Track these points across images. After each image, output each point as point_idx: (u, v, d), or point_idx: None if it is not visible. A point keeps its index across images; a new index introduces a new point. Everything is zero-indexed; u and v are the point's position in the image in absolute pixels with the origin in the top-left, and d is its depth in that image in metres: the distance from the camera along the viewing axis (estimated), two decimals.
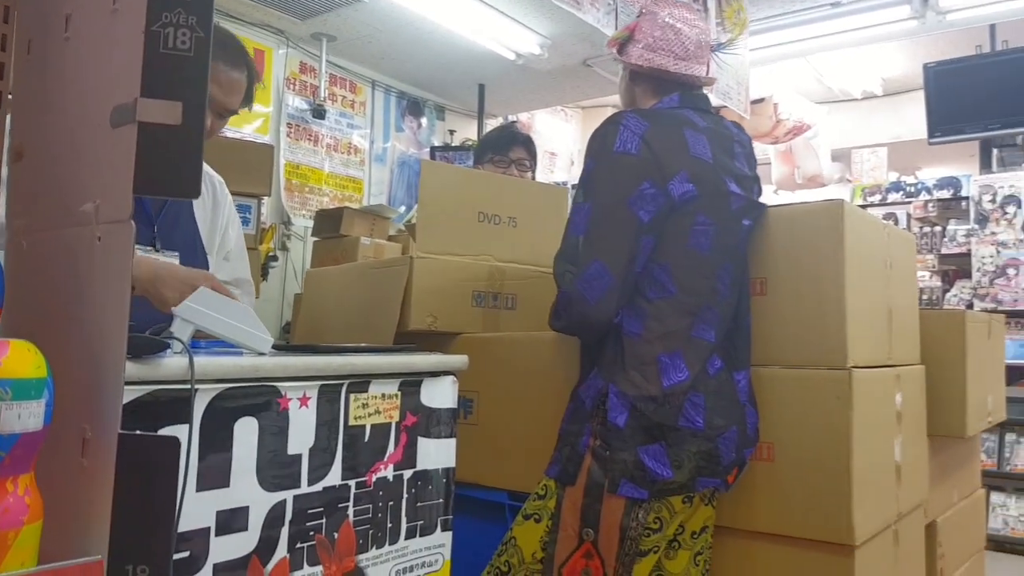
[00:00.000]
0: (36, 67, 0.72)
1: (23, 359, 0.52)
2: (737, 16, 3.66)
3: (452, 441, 1.30)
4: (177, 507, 0.76)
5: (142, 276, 1.28)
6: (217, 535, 0.96)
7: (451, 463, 1.30)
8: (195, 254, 1.64)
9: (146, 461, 0.54)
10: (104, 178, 0.57)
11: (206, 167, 1.83)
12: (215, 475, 0.96)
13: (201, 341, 1.19)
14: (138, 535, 0.53)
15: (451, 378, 1.31)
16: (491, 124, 5.52)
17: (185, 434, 0.89)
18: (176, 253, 1.36)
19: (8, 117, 0.76)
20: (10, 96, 0.75)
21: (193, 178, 0.54)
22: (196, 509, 0.93)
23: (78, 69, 0.65)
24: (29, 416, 0.51)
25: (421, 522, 1.24)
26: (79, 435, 0.56)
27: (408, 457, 1.23)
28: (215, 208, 1.79)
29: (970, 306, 4.39)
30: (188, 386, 0.90)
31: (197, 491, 0.93)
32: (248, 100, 1.70)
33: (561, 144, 6.43)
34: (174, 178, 0.54)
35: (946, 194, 4.87)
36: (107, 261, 0.56)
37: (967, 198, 4.63)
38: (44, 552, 0.53)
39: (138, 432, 0.57)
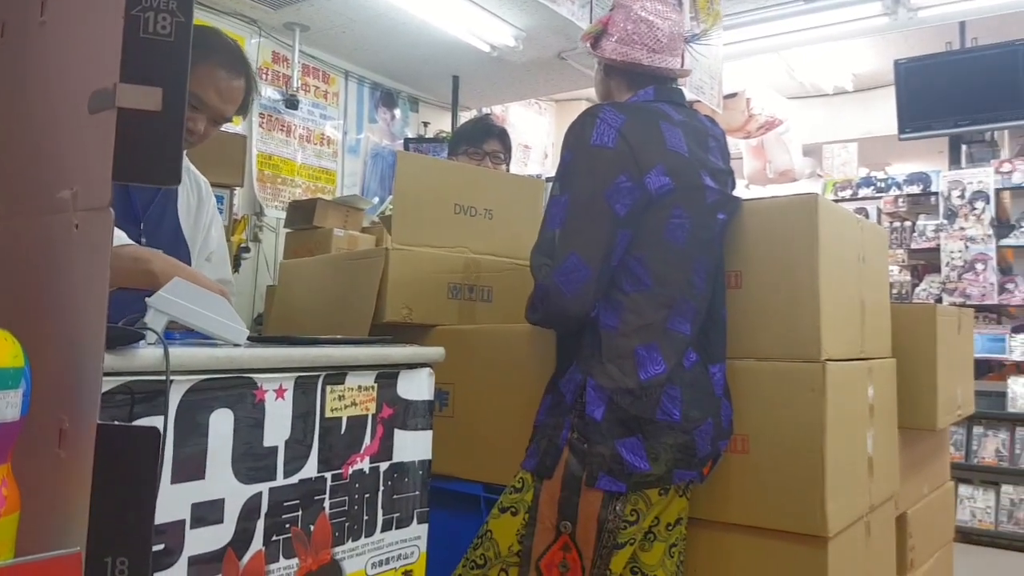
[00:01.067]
0: (10, 51, 0.70)
1: (0, 348, 0.51)
2: (710, 7, 3.69)
3: (428, 433, 1.30)
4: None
5: (123, 255, 1.26)
6: (192, 527, 0.95)
7: (427, 455, 1.30)
8: (178, 252, 1.62)
9: (125, 452, 0.53)
10: (82, 165, 0.56)
11: (192, 167, 1.80)
12: (190, 467, 0.95)
13: (175, 332, 1.17)
14: (117, 527, 0.53)
15: (427, 370, 1.31)
16: (465, 116, 5.49)
17: (160, 426, 0.88)
18: (159, 251, 1.35)
19: None
20: None
21: (173, 165, 0.54)
22: (171, 501, 0.92)
23: (55, 53, 0.64)
24: (6, 406, 0.50)
25: (397, 515, 1.24)
26: (56, 426, 0.55)
27: (384, 449, 1.23)
28: (199, 207, 1.77)
29: (939, 300, 4.49)
30: (163, 377, 0.89)
31: (172, 483, 0.92)
32: (244, 109, 1.68)
33: (535, 137, 6.44)
34: (154, 165, 0.53)
35: (916, 189, 4.96)
36: (85, 249, 0.55)
37: (936, 194, 4.73)
38: (21, 545, 0.52)
39: (117, 423, 0.56)
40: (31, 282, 0.62)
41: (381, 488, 1.21)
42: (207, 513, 0.97)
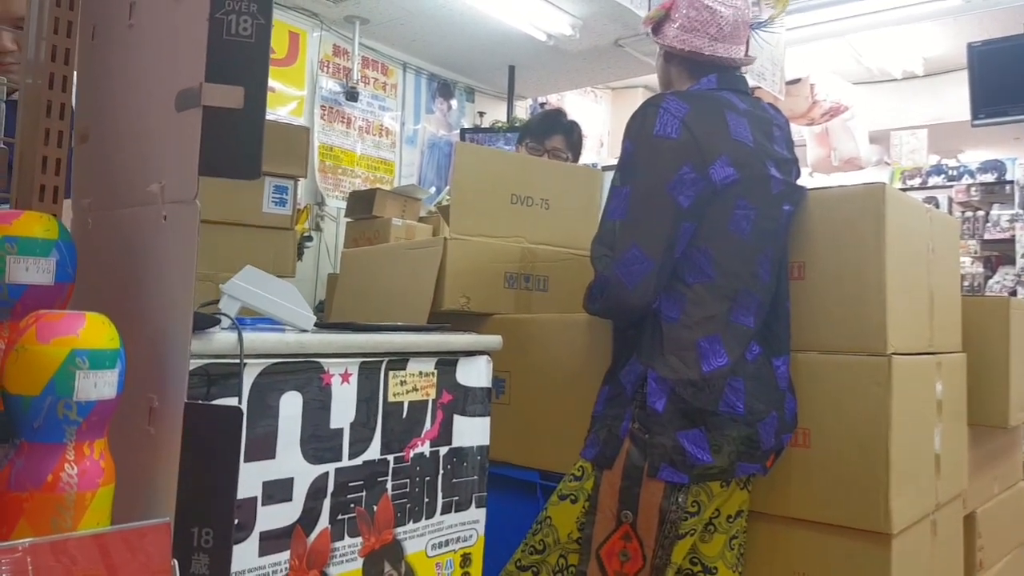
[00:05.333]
0: (100, 53, 0.75)
1: (98, 331, 0.55)
2: None
3: (486, 420, 1.32)
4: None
5: None
6: (263, 504, 0.99)
7: (485, 441, 1.32)
8: None
9: (209, 430, 0.57)
10: (169, 160, 0.60)
11: None
12: (262, 447, 0.99)
13: (246, 318, 1.22)
14: (202, 500, 0.56)
15: (485, 358, 1.33)
16: (521, 106, 5.50)
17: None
18: None
19: (73, 101, 0.79)
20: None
21: (254, 160, 0.57)
22: (244, 479, 0.96)
23: (142, 55, 0.68)
24: (104, 385, 0.54)
25: (456, 498, 1.27)
26: (146, 404, 0.59)
27: (444, 434, 1.25)
28: None
29: (1013, 293, 4.31)
30: (237, 361, 0.93)
31: (245, 461, 0.97)
32: None
33: (591, 126, 6.39)
34: (236, 160, 0.57)
35: (990, 178, 4.78)
36: (173, 239, 0.59)
37: (1012, 182, 4.55)
38: (115, 514, 0.56)
39: (201, 402, 0.59)
40: (124, 270, 0.66)
41: (441, 472, 1.24)
42: (277, 491, 1.01)
